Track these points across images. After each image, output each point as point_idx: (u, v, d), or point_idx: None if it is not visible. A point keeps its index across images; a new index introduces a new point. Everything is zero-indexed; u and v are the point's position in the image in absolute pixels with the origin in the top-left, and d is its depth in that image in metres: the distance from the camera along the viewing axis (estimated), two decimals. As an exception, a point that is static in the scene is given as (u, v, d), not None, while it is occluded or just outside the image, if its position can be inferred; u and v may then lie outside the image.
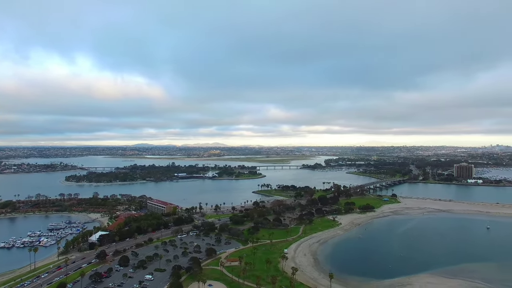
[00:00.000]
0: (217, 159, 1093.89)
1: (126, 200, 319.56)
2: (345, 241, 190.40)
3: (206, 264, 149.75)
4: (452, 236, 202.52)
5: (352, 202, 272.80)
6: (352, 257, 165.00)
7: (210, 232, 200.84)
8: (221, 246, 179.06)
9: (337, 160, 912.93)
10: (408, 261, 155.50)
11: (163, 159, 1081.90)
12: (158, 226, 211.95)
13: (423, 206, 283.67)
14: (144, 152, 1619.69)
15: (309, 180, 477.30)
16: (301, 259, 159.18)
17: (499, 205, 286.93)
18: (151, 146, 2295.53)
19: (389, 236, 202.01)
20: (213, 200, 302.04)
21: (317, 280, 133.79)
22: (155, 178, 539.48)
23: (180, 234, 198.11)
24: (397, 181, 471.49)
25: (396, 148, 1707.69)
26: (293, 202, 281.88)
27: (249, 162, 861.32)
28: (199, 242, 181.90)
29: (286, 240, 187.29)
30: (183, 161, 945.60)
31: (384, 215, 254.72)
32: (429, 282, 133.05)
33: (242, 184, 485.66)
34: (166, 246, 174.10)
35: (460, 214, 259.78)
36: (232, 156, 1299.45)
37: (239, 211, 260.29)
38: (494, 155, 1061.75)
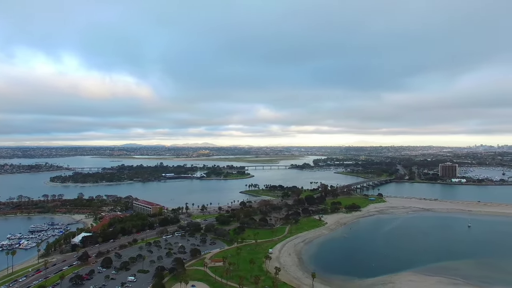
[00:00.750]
0: (206, 159, 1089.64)
1: (112, 201, 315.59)
2: (330, 241, 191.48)
3: (190, 265, 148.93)
4: (434, 234, 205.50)
5: (338, 202, 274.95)
6: (337, 257, 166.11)
7: (196, 233, 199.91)
8: (206, 246, 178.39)
9: (325, 160, 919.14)
10: (391, 260, 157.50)
11: (152, 159, 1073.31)
12: (143, 227, 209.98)
13: (408, 205, 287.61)
14: (133, 152, 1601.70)
15: (297, 180, 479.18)
16: (286, 259, 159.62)
17: (480, 204, 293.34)
18: (140, 146, 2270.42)
19: (374, 235, 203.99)
20: (200, 200, 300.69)
21: (300, 280, 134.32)
22: (142, 179, 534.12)
23: (165, 235, 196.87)
24: (384, 181, 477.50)
25: (384, 148, 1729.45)
26: (280, 202, 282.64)
27: (238, 162, 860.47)
28: (184, 243, 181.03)
29: (272, 240, 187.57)
30: (171, 161, 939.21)
31: (370, 215, 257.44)
32: (411, 280, 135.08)
33: (230, 184, 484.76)
34: (151, 247, 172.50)
35: (443, 213, 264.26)
36: (221, 156, 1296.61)
37: (226, 211, 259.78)
38: (478, 155, 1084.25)
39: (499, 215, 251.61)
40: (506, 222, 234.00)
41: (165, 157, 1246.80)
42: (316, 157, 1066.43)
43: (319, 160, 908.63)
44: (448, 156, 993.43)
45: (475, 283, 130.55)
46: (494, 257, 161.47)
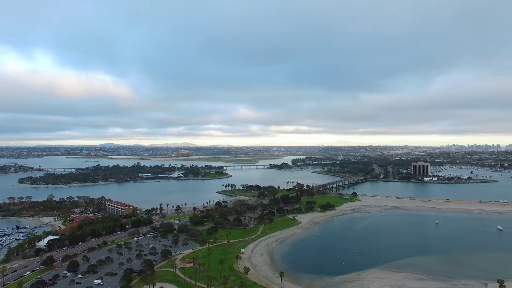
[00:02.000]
0: (185, 159, 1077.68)
1: (84, 202, 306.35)
2: (303, 240, 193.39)
3: (160, 266, 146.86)
4: (404, 231, 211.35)
5: (313, 201, 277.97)
6: (308, 255, 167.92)
7: (168, 234, 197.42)
8: (178, 247, 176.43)
9: (304, 160, 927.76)
10: (361, 257, 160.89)
11: (129, 159, 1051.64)
12: (115, 228, 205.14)
13: (380, 204, 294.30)
14: (110, 152, 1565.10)
15: (274, 179, 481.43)
16: (258, 259, 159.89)
17: (448, 201, 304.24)
18: (117, 146, 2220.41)
19: (346, 233, 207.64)
20: (176, 201, 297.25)
21: (271, 279, 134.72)
22: (118, 179, 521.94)
23: (137, 236, 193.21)
24: (360, 180, 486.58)
25: (361, 148, 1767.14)
26: (255, 202, 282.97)
27: (217, 162, 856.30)
28: (155, 244, 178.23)
29: (245, 240, 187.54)
30: (149, 161, 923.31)
31: (344, 213, 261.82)
32: (378, 276, 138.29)
33: (207, 184, 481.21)
34: (121, 249, 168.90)
35: (414, 211, 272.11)
36: (201, 156, 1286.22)
37: (200, 211, 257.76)
38: (450, 154, 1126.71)
39: (464, 212, 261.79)
40: (470, 218, 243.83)
41: (143, 157, 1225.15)
42: (295, 157, 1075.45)
43: (298, 160, 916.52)
44: (423, 156, 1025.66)
45: (439, 278, 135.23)
46: (458, 252, 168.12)
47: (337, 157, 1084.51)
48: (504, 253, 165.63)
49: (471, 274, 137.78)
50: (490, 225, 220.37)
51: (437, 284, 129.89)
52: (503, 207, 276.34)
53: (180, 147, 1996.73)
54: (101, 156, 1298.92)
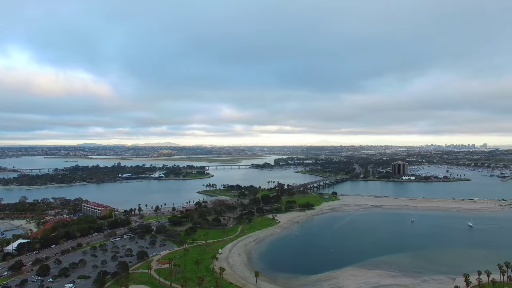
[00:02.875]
0: (167, 159, 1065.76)
1: (60, 203, 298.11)
2: (281, 239, 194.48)
3: (136, 268, 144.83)
4: (380, 230, 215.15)
5: (293, 201, 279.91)
6: (286, 255, 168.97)
7: (146, 234, 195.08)
8: (155, 248, 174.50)
9: (286, 160, 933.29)
10: (338, 256, 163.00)
11: (110, 159, 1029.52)
12: (90, 230, 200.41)
13: (359, 203, 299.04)
14: (90, 152, 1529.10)
15: (256, 179, 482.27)
16: (235, 259, 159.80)
17: (424, 200, 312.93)
18: (98, 145, 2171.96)
19: (324, 232, 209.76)
20: (157, 201, 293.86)
21: (247, 279, 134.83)
22: (97, 180, 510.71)
23: (114, 238, 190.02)
24: (340, 179, 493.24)
25: (344, 147, 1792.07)
26: (236, 202, 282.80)
27: (199, 162, 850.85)
28: (132, 245, 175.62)
29: (223, 240, 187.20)
30: (130, 161, 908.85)
31: (323, 213, 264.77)
32: (353, 274, 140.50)
33: (188, 184, 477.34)
34: (96, 251, 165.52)
35: (391, 209, 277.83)
36: (183, 156, 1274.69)
37: (180, 212, 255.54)
38: (428, 154, 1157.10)
39: (438, 210, 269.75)
40: (443, 215, 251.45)
41: (125, 157, 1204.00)
42: (277, 157, 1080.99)
43: (280, 160, 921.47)
44: (402, 155, 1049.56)
45: (410, 274, 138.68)
46: (430, 249, 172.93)
47: (319, 156, 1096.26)
48: (472, 249, 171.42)
49: (441, 270, 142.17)
50: (462, 222, 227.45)
51: (409, 280, 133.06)
52: (474, 204, 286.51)
53: (163, 147, 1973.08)
54: (80, 156, 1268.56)
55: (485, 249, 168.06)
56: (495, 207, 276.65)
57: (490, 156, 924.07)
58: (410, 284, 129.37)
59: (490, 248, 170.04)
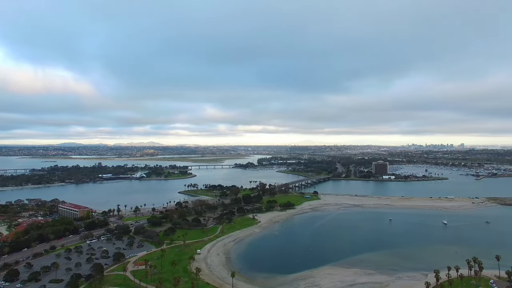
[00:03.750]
0: (150, 159, 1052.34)
1: (35, 205, 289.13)
2: (261, 239, 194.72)
3: (111, 270, 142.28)
4: (359, 229, 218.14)
5: (274, 200, 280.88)
6: (265, 254, 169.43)
7: (124, 236, 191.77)
8: (133, 249, 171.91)
9: (269, 159, 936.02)
10: (316, 255, 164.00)
11: (91, 159, 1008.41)
12: (65, 232, 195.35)
13: (340, 202, 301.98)
14: (70, 152, 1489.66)
15: (239, 179, 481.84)
16: (213, 259, 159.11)
17: (403, 198, 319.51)
18: (79, 145, 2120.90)
19: (304, 232, 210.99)
20: (137, 201, 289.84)
21: (224, 280, 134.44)
22: (76, 180, 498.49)
23: (90, 240, 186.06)
24: (322, 179, 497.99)
25: (327, 147, 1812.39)
26: (217, 202, 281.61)
27: (182, 162, 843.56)
28: (109, 247, 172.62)
29: (202, 240, 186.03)
30: (112, 161, 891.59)
31: (304, 212, 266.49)
32: (330, 273, 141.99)
33: (170, 184, 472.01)
34: (70, 253, 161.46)
35: (371, 208, 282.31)
36: (166, 156, 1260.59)
37: (160, 212, 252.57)
38: (409, 153, 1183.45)
39: (416, 208, 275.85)
40: (420, 214, 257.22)
41: (106, 157, 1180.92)
42: (261, 156, 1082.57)
43: (264, 159, 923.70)
44: (384, 155, 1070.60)
45: (386, 272, 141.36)
46: (406, 247, 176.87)
47: (302, 156, 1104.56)
48: (445, 246, 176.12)
49: (415, 267, 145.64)
50: (437, 220, 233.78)
51: (384, 277, 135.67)
52: (449, 202, 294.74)
53: (146, 147, 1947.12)
54: (60, 156, 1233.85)
55: (457, 246, 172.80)
56: (468, 205, 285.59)
57: (466, 156, 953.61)
58: (385, 281, 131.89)
59: (462, 245, 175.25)
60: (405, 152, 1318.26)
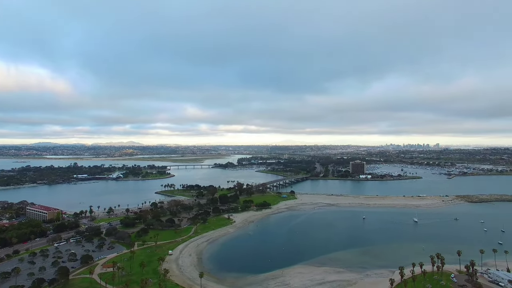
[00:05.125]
0: (129, 159, 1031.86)
1: (0, 208, 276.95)
2: (235, 239, 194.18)
3: (78, 273, 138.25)
4: (333, 228, 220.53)
5: (250, 200, 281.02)
6: (237, 254, 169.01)
7: (94, 237, 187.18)
8: (103, 251, 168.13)
9: (249, 159, 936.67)
10: (288, 254, 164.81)
11: (67, 159, 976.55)
12: (31, 235, 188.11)
13: (316, 202, 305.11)
14: (45, 151, 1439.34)
15: (218, 179, 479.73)
16: (185, 260, 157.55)
17: (377, 197, 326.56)
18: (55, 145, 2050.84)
19: (278, 231, 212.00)
20: (112, 202, 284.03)
21: (194, 280, 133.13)
22: (49, 181, 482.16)
23: (58, 242, 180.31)
24: (300, 179, 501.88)
25: (308, 147, 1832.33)
26: (193, 202, 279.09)
27: (161, 162, 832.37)
28: (78, 249, 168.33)
29: (175, 240, 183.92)
30: (89, 161, 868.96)
31: (279, 211, 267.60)
32: (300, 272, 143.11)
33: (148, 184, 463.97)
34: (35, 257, 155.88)
35: (346, 207, 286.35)
36: (146, 156, 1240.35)
37: (134, 213, 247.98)
38: (387, 153, 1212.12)
39: (389, 207, 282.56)
40: (393, 212, 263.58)
41: (83, 157, 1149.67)
42: (242, 156, 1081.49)
43: (243, 159, 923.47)
44: (363, 155, 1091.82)
45: (355, 270, 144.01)
46: (377, 244, 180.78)
47: (283, 156, 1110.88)
48: (414, 243, 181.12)
49: (383, 264, 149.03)
50: (408, 217, 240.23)
51: (353, 275, 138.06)
52: (420, 200, 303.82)
53: (126, 146, 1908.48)
54: (34, 156, 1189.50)
55: (425, 243, 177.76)
56: (438, 202, 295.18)
57: (441, 156, 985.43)
58: (353, 279, 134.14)
59: (430, 241, 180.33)
60: (383, 152, 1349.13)
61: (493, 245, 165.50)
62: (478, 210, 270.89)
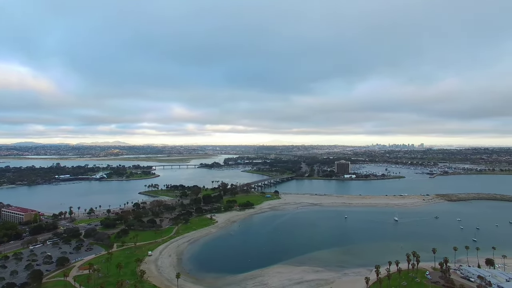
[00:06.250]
0: (115, 159, 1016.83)
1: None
2: (216, 239, 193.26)
3: (53, 276, 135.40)
4: (315, 227, 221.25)
5: (234, 200, 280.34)
6: (218, 254, 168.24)
7: (73, 239, 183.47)
8: (80, 253, 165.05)
9: (236, 159, 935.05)
10: (268, 254, 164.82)
11: (50, 159, 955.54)
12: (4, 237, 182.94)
13: (299, 201, 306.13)
14: (27, 152, 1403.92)
15: (203, 179, 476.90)
16: (164, 260, 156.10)
17: (360, 197, 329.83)
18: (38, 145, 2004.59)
19: (259, 231, 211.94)
20: (94, 203, 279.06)
21: (172, 281, 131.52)
22: (28, 182, 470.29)
23: (34, 245, 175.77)
24: (285, 178, 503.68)
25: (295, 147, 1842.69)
26: (176, 202, 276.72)
27: (147, 162, 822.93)
28: (54, 251, 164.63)
29: (155, 241, 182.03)
30: (73, 162, 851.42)
31: (262, 211, 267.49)
32: (279, 271, 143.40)
33: (132, 185, 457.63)
34: (7, 261, 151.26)
35: (328, 207, 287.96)
36: (131, 156, 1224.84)
37: (115, 213, 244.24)
38: (372, 153, 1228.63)
39: (371, 206, 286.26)
40: (374, 211, 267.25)
41: (67, 157, 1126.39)
42: (228, 156, 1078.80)
43: (230, 159, 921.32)
44: (349, 154, 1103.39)
45: (333, 269, 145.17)
46: (357, 243, 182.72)
47: (269, 156, 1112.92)
48: (393, 241, 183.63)
49: (362, 263, 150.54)
50: (389, 216, 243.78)
51: (331, 274, 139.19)
52: (402, 200, 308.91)
53: (111, 146, 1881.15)
54: (14, 156, 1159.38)
55: (404, 241, 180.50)
56: (419, 201, 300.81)
57: (424, 155, 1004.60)
58: (331, 278, 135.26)
59: (408, 240, 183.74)
60: (369, 151, 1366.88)
61: (468, 242, 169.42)
62: (457, 208, 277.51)
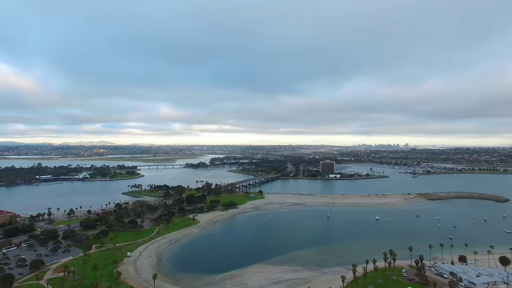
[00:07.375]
0: (99, 159, 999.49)
1: None
2: (198, 239, 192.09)
3: (25, 280, 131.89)
4: (297, 226, 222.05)
5: (217, 200, 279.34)
6: (198, 255, 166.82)
7: (50, 241, 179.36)
8: (57, 255, 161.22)
9: (222, 159, 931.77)
10: (248, 254, 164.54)
11: (31, 159, 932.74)
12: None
13: (283, 201, 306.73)
14: (7, 151, 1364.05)
15: (188, 179, 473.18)
16: (144, 261, 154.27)
17: (343, 196, 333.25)
18: (19, 144, 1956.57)
19: (241, 231, 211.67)
20: (74, 203, 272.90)
21: (150, 282, 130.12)
22: (6, 183, 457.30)
23: (7, 248, 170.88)
24: (271, 178, 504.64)
25: (282, 147, 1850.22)
26: (159, 202, 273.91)
27: (132, 162, 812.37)
28: (29, 254, 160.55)
29: (136, 242, 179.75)
30: (55, 162, 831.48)
31: (246, 211, 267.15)
32: (258, 271, 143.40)
33: (115, 185, 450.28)
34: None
35: (311, 206, 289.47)
36: (116, 156, 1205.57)
37: (96, 214, 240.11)
38: (358, 153, 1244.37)
39: (353, 206, 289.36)
40: (357, 210, 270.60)
41: (50, 157, 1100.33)
42: (214, 156, 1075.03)
43: (216, 159, 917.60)
44: (335, 154, 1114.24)
45: (312, 268, 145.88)
46: (338, 242, 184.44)
47: (256, 156, 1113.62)
48: (374, 240, 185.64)
49: (340, 262, 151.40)
50: (371, 216, 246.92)
51: (310, 273, 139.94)
52: (384, 199, 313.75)
53: (97, 146, 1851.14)
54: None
55: (384, 240, 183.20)
56: (401, 200, 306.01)
57: (408, 155, 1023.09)
58: (309, 277, 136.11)
59: (388, 238, 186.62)
60: (355, 151, 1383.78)
61: (445, 240, 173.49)
62: (436, 207, 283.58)
